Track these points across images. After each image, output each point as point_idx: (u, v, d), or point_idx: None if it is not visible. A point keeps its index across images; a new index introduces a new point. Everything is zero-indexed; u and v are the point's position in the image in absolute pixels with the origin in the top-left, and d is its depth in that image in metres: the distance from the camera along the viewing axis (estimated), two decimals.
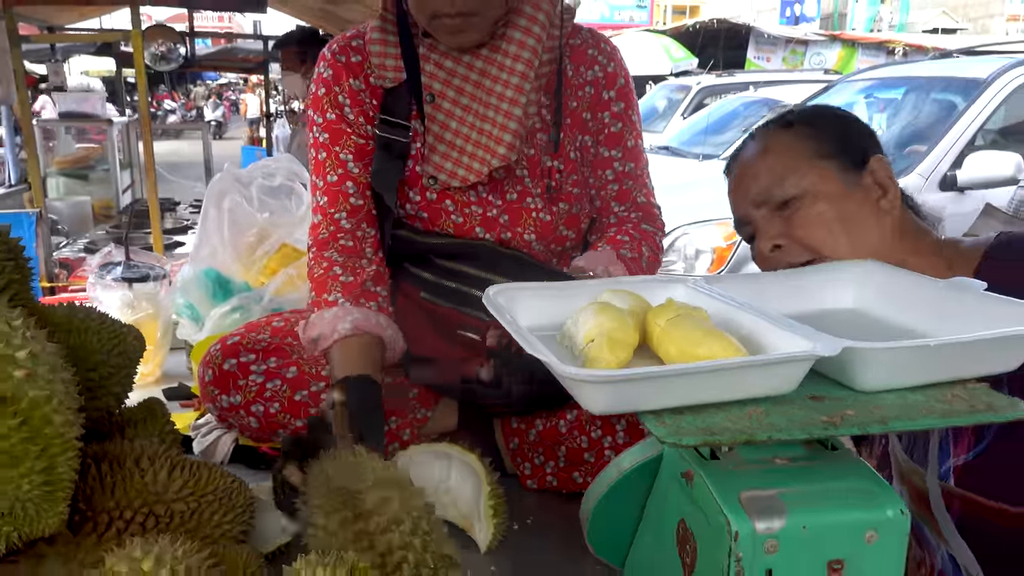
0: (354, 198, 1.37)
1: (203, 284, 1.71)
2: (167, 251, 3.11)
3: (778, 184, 1.11)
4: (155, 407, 1.21)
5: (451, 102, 1.32)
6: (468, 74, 1.32)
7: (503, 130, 1.30)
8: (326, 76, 1.38)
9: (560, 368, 0.66)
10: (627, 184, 1.43)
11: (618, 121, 1.41)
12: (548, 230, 1.37)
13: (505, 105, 1.30)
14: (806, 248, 1.09)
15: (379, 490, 0.87)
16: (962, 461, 1.04)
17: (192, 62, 4.76)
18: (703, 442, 0.66)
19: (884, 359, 0.72)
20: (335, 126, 1.37)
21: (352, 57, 1.38)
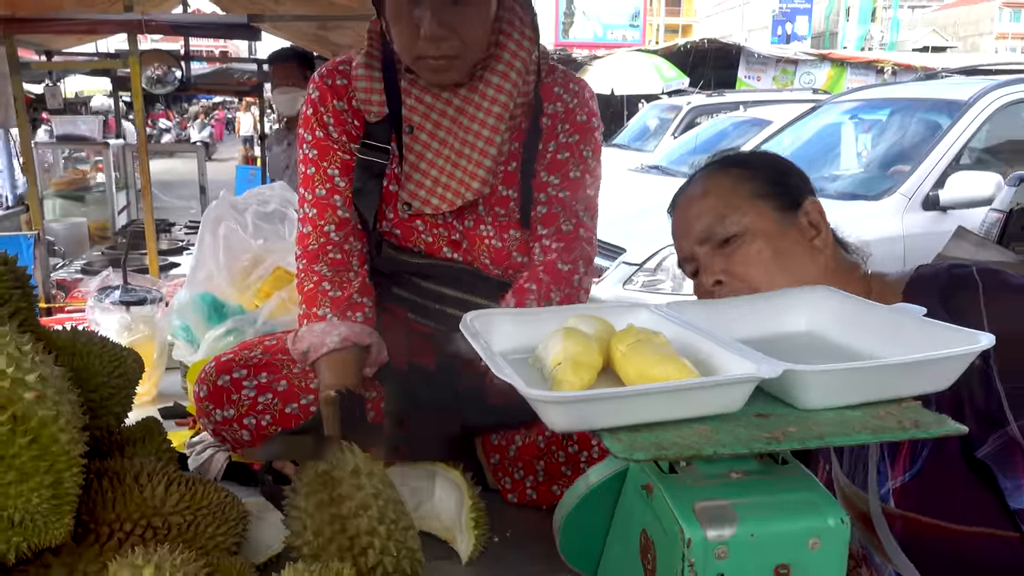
0: (341, 211, 1.45)
1: (199, 307, 1.77)
2: (162, 272, 3.17)
3: (719, 222, 1.18)
4: (152, 426, 1.27)
5: (428, 134, 1.40)
6: (446, 109, 1.39)
7: (478, 166, 1.38)
8: (314, 97, 1.47)
9: (524, 390, 0.73)
10: (556, 208, 1.43)
11: (566, 151, 1.45)
12: (501, 256, 1.45)
13: (481, 143, 1.38)
14: (745, 283, 1.16)
15: (354, 477, 0.96)
16: (899, 483, 1.10)
17: (188, 85, 4.85)
18: (654, 456, 0.72)
19: (821, 380, 0.79)
20: (322, 143, 1.46)
21: (338, 80, 1.47)
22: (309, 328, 1.36)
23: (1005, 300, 1.05)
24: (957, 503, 1.06)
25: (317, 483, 1.00)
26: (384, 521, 1.00)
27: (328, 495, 0.99)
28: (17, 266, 1.12)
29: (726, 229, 1.17)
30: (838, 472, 1.21)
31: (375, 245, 1.49)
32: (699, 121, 10.65)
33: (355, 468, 1.03)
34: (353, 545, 0.98)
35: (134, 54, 2.90)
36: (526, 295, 1.36)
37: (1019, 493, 1.01)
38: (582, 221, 1.45)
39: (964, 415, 1.03)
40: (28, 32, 3.19)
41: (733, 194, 1.19)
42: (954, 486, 1.06)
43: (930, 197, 4.73)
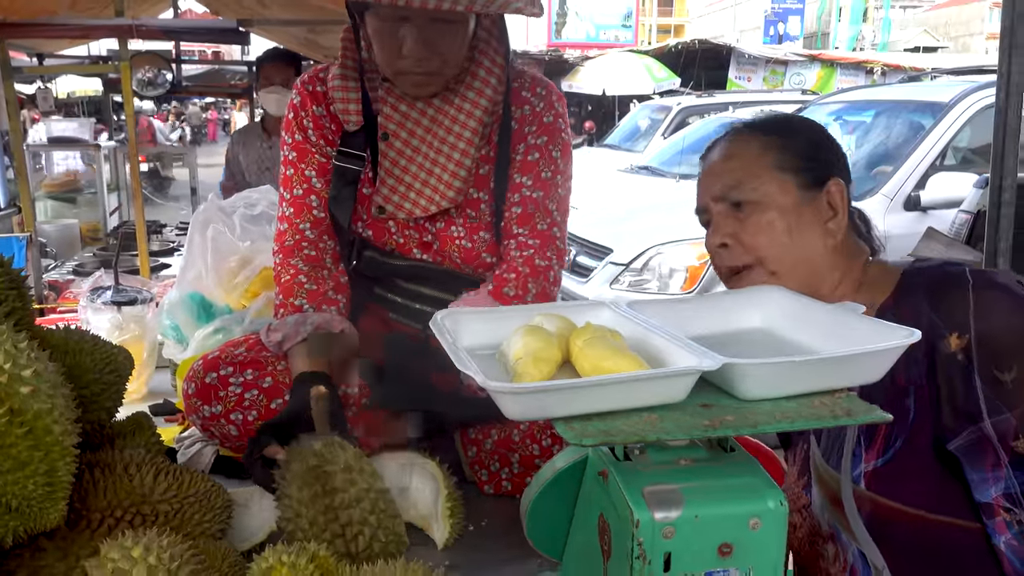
0: (317, 211, 1.53)
1: (188, 307, 1.83)
2: (153, 273, 3.22)
3: (736, 187, 1.19)
4: (142, 421, 1.33)
5: (403, 142, 1.47)
6: (420, 119, 1.46)
7: (454, 176, 1.45)
8: (295, 102, 1.55)
9: (484, 382, 0.79)
10: (530, 208, 1.49)
11: (535, 152, 1.50)
12: (471, 256, 1.52)
13: (457, 155, 1.45)
14: (749, 252, 1.18)
15: (347, 473, 1.06)
16: (872, 467, 1.15)
17: (179, 87, 4.90)
18: (602, 442, 0.79)
19: (758, 372, 0.85)
20: (301, 146, 1.53)
21: (318, 87, 1.53)
22: (283, 320, 1.44)
23: (992, 298, 1.08)
24: (924, 491, 1.11)
25: (310, 476, 1.08)
26: (375, 511, 1.10)
27: (321, 487, 1.07)
28: (12, 268, 1.18)
29: (742, 194, 1.19)
30: (815, 452, 1.25)
31: (356, 248, 1.55)
32: (689, 121, 10.71)
33: (347, 464, 1.11)
34: (345, 532, 1.07)
35: (124, 58, 2.95)
36: (504, 283, 1.43)
37: (985, 486, 1.06)
38: (555, 220, 1.51)
39: (941, 408, 1.08)
40: (20, 37, 3.24)
41: (757, 162, 1.19)
42: (923, 475, 1.11)
43: (911, 198, 4.81)
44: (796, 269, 1.18)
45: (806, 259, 1.19)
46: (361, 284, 1.58)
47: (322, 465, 1.08)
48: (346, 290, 1.54)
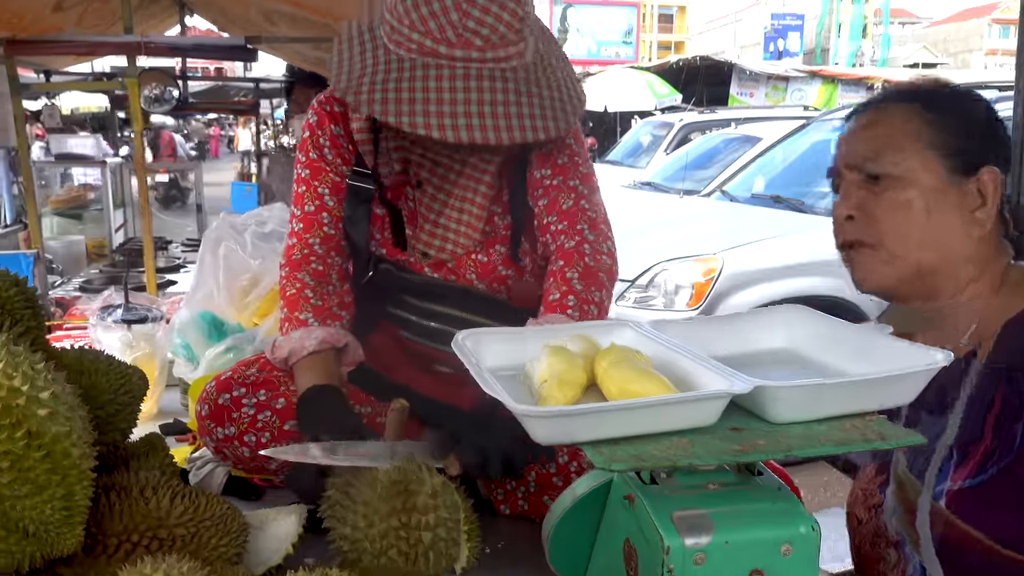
0: (327, 227, 1.52)
1: (199, 326, 1.82)
2: (160, 290, 3.21)
3: (874, 158, 1.11)
4: (156, 442, 1.32)
5: (435, 188, 1.48)
6: (452, 165, 1.47)
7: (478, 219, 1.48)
8: (312, 121, 1.55)
9: (512, 405, 0.78)
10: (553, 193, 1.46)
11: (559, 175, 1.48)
12: (487, 271, 1.51)
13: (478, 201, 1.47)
14: (874, 230, 1.10)
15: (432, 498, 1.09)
16: (958, 487, 1.08)
17: (185, 104, 4.91)
18: (633, 467, 0.77)
19: (790, 395, 0.84)
20: (315, 164, 1.53)
21: (335, 107, 1.53)
22: (288, 337, 1.43)
23: None
24: (1008, 524, 1.04)
25: (393, 490, 1.08)
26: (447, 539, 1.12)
27: (402, 504, 1.07)
28: (27, 287, 1.17)
29: (879, 167, 1.10)
30: (899, 456, 1.18)
31: (372, 265, 1.54)
32: (691, 137, 10.75)
33: (434, 490, 1.10)
34: (411, 552, 1.08)
35: (133, 75, 2.95)
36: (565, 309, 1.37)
37: None
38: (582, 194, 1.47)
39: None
40: (29, 53, 3.25)
41: (905, 135, 1.10)
42: (1013, 507, 1.03)
43: None
44: (921, 256, 1.10)
45: (938, 246, 1.10)
46: (373, 301, 1.57)
47: (407, 483, 1.08)
48: (351, 307, 1.53)
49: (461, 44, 1.23)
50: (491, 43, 1.24)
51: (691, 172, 8.15)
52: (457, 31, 1.23)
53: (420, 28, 1.24)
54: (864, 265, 1.15)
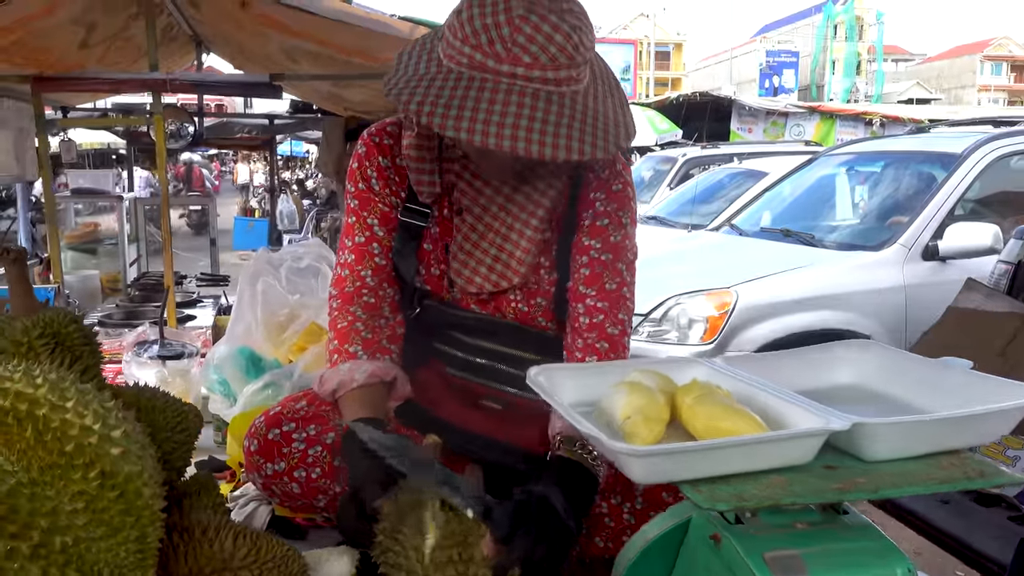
0: (379, 258, 1.51)
1: (237, 361, 1.80)
2: (180, 324, 3.19)
3: None
4: (206, 481, 1.29)
5: (475, 218, 1.46)
6: (495, 197, 1.45)
7: (525, 254, 1.44)
8: (361, 153, 1.54)
9: (610, 444, 0.76)
10: (598, 268, 1.46)
11: (604, 218, 1.48)
12: (526, 318, 1.49)
13: (529, 231, 1.44)
14: None
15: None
16: None
17: (200, 139, 4.93)
18: (735, 507, 0.76)
19: (889, 433, 0.82)
20: (364, 195, 1.52)
21: (385, 140, 1.53)
22: (336, 369, 1.40)
23: None
24: None
25: (451, 540, 1.05)
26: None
27: (459, 555, 1.04)
28: (85, 324, 1.16)
29: None
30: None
31: (417, 298, 1.53)
32: (693, 173, 10.79)
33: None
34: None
35: (158, 110, 2.97)
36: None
37: None
38: (624, 280, 1.47)
39: None
40: (56, 90, 3.27)
41: None
42: None
43: (929, 247, 4.80)
44: None
45: None
46: (419, 336, 1.55)
47: (468, 536, 1.05)
48: (400, 340, 1.51)
49: (509, 59, 1.22)
50: (539, 62, 1.24)
51: (697, 207, 8.18)
52: (507, 45, 1.22)
53: (472, 41, 1.24)
54: None
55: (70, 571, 0.83)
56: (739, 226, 6.01)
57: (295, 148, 22.21)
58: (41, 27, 2.86)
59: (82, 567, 0.85)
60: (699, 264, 5.38)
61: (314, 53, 3.52)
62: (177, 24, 4.33)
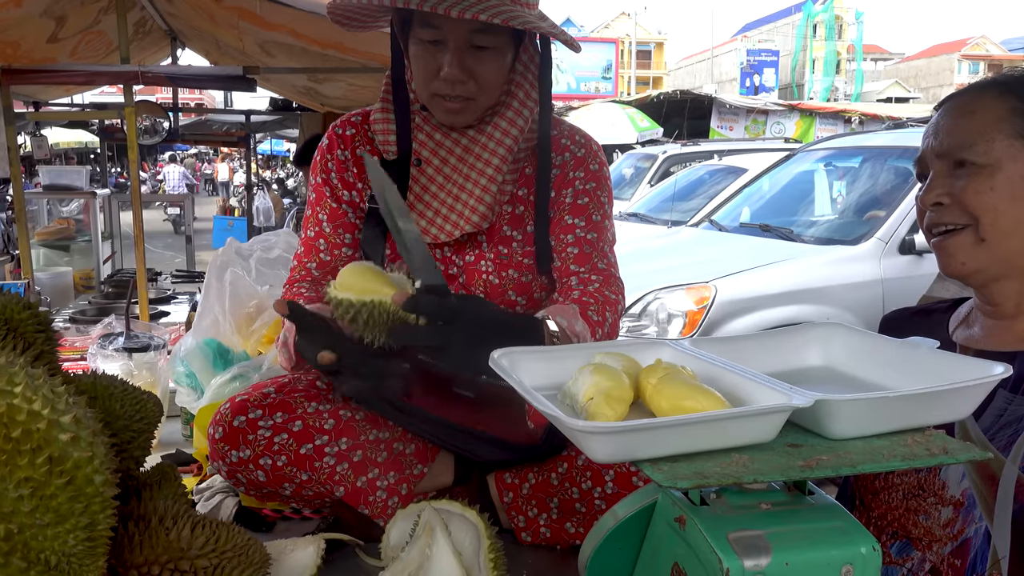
0: (324, 254, 1.55)
1: (204, 353, 1.77)
2: (153, 320, 3.15)
3: (967, 147, 1.14)
4: (168, 471, 1.26)
5: (435, 169, 1.48)
6: (453, 148, 1.47)
7: (479, 201, 1.45)
8: (323, 145, 1.58)
9: (568, 422, 0.75)
10: (587, 248, 1.49)
11: (584, 196, 1.51)
12: (496, 293, 1.49)
13: (484, 180, 1.45)
14: (967, 213, 1.13)
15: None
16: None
17: (176, 135, 4.87)
18: (696, 485, 0.74)
19: (852, 410, 0.81)
20: (320, 189, 1.56)
21: (347, 131, 1.56)
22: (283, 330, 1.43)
23: None
24: None
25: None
26: None
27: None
28: (40, 310, 1.13)
29: (969, 155, 1.14)
30: (973, 424, 1.16)
31: None
32: (673, 170, 10.84)
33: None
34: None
35: (129, 104, 2.92)
36: (587, 306, 1.39)
37: None
38: (611, 262, 1.52)
39: None
40: (26, 82, 3.21)
41: (996, 124, 1.13)
42: None
43: (906, 241, 4.84)
44: (1009, 240, 1.13)
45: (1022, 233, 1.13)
46: None
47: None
48: None
49: None
50: None
51: (677, 203, 8.21)
52: None
53: None
54: (954, 247, 1.17)
55: (14, 559, 0.81)
56: (718, 222, 6.04)
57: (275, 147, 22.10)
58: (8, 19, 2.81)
59: (27, 555, 0.83)
60: (679, 259, 5.39)
61: (289, 46, 3.49)
62: (151, 18, 4.28)
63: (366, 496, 1.41)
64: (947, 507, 1.17)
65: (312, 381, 1.48)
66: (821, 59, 40.79)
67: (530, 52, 1.49)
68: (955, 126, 1.18)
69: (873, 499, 1.25)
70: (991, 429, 1.15)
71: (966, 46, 46.95)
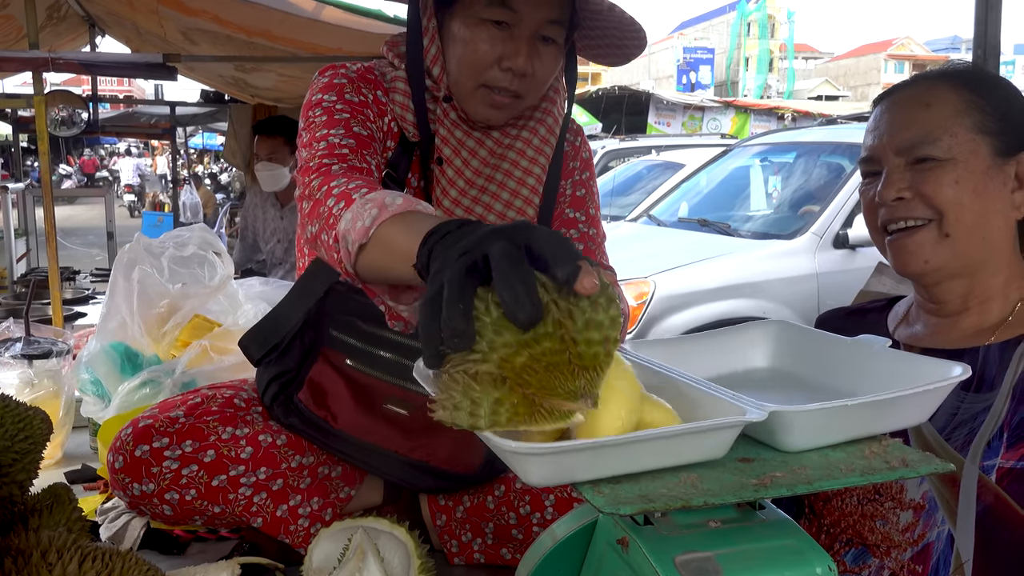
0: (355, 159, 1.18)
1: (111, 358, 1.63)
2: (67, 322, 2.97)
3: (930, 142, 1.11)
4: (61, 493, 1.14)
5: (455, 171, 1.31)
6: (476, 149, 1.31)
7: (520, 214, 1.32)
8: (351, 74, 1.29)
9: (498, 442, 0.66)
10: (591, 245, 1.43)
11: (582, 188, 1.44)
12: None
13: (525, 191, 1.32)
14: (931, 208, 1.11)
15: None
16: (1009, 465, 1.05)
17: (95, 127, 4.63)
18: (641, 509, 0.67)
19: (807, 421, 0.75)
20: (357, 107, 1.25)
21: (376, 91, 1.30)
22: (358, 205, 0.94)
23: None
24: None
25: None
26: None
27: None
28: None
29: (931, 150, 1.11)
30: (929, 428, 1.13)
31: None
32: (612, 165, 10.88)
33: None
34: None
35: (39, 92, 2.73)
36: None
37: None
38: (606, 256, 1.46)
39: None
40: None
41: (956, 118, 1.12)
42: None
43: (840, 236, 4.90)
44: (972, 236, 1.11)
45: (984, 227, 1.11)
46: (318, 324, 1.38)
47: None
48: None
49: None
50: None
51: (615, 198, 8.22)
52: None
53: None
54: (916, 244, 1.13)
55: None
56: (657, 216, 6.05)
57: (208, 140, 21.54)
58: None
59: None
60: (618, 255, 5.34)
61: (213, 33, 3.33)
62: (67, 2, 4.06)
63: (286, 526, 1.29)
64: (906, 511, 1.14)
65: (229, 399, 1.33)
66: (755, 57, 41.63)
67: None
68: (911, 120, 1.14)
69: (824, 506, 1.20)
70: (946, 429, 1.12)
71: (892, 46, 48.49)
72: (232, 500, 1.27)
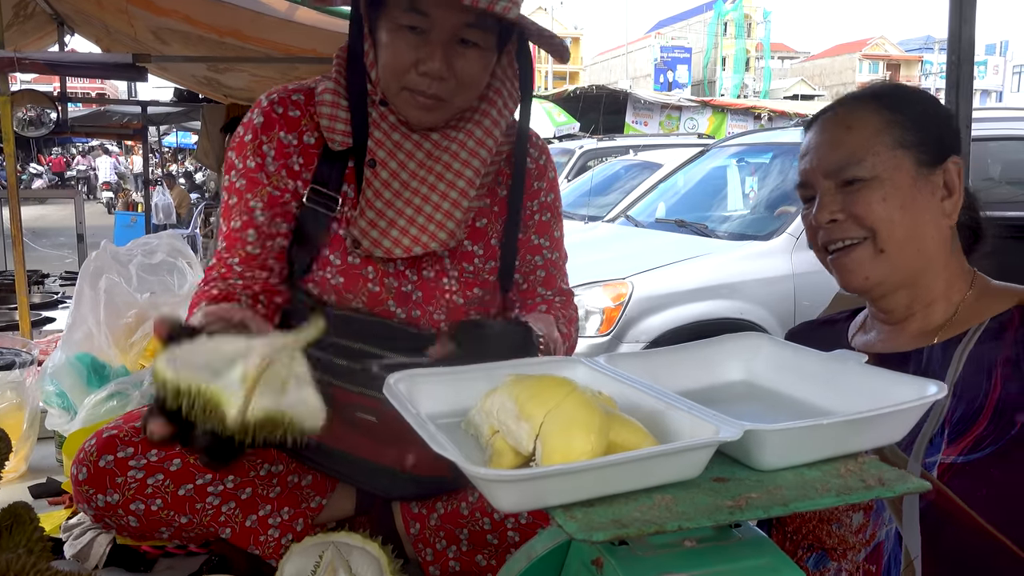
0: (251, 247, 1.29)
1: (76, 369, 1.59)
2: (35, 328, 2.91)
3: (853, 163, 1.14)
4: (21, 512, 1.11)
5: (390, 173, 1.28)
6: (414, 152, 1.29)
7: (447, 217, 1.28)
8: (256, 123, 1.31)
9: (468, 468, 0.65)
10: (553, 271, 1.45)
11: (547, 212, 1.44)
12: (459, 313, 1.34)
13: (454, 193, 1.29)
14: (863, 226, 1.14)
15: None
16: (951, 460, 1.07)
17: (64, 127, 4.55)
18: (615, 535, 0.65)
19: (782, 440, 0.74)
20: (252, 174, 1.30)
21: (291, 111, 1.32)
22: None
23: None
24: (999, 506, 1.04)
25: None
26: None
27: None
28: None
29: (857, 171, 1.14)
30: None
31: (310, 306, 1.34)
32: (590, 164, 10.87)
33: None
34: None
35: (4, 92, 2.67)
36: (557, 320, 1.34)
37: None
38: (567, 279, 1.49)
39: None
40: None
41: (877, 137, 1.15)
42: (1006, 489, 1.04)
43: None
44: (906, 248, 1.14)
45: (917, 238, 1.15)
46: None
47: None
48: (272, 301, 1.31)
49: None
50: None
51: (594, 198, 8.21)
52: None
53: None
54: (854, 262, 1.16)
55: None
56: (635, 217, 6.04)
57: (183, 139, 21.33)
58: None
59: None
60: (595, 255, 5.36)
61: (184, 33, 3.28)
62: (34, 1, 3.98)
63: (256, 536, 1.27)
64: (858, 512, 1.15)
65: None
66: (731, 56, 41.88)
67: (511, 55, 1.34)
68: (835, 143, 1.18)
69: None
70: None
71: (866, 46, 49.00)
72: (199, 510, 1.25)
